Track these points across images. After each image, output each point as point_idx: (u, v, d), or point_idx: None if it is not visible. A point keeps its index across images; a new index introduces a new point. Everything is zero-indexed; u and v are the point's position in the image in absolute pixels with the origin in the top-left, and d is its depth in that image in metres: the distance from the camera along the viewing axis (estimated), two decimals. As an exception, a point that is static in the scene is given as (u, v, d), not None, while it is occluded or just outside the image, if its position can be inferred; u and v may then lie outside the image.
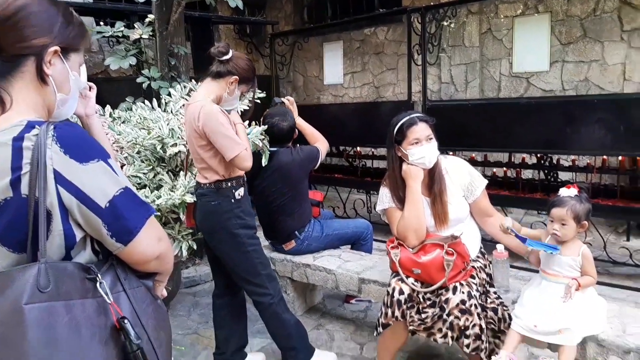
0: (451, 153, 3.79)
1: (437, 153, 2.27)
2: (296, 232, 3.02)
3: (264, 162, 2.86)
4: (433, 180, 2.30)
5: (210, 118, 2.15)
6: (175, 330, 3.14)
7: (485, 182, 2.37)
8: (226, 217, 2.33)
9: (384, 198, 2.39)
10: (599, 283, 3.28)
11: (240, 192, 2.35)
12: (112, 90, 4.08)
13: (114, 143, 2.77)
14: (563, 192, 2.11)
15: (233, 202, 2.32)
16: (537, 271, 2.18)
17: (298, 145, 3.14)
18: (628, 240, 4.14)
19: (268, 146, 2.95)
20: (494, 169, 3.77)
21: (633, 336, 1.95)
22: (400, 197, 2.31)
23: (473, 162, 3.83)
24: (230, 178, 2.31)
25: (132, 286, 1.04)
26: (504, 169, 3.70)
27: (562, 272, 2.07)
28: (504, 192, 3.56)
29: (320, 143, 3.13)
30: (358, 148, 4.40)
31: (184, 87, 3.14)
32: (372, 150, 4.46)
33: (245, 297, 2.63)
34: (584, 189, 2.09)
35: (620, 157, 3.24)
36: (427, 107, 3.61)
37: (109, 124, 2.96)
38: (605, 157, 3.27)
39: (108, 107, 3.10)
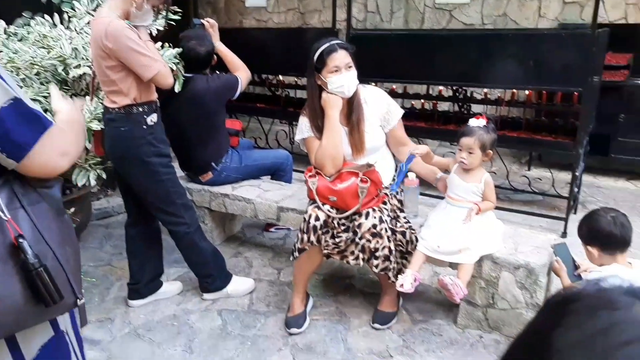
0: (372, 84, 3.81)
1: (357, 82, 2.26)
2: (212, 164, 2.93)
3: (177, 88, 2.70)
4: (352, 109, 2.30)
5: (119, 35, 1.97)
6: (87, 262, 3.03)
7: (402, 112, 2.41)
8: (138, 144, 2.21)
9: (303, 127, 2.36)
10: (500, 208, 3.56)
11: (152, 118, 2.22)
12: (6, 2, 3.59)
13: (7, 63, 2.49)
14: (472, 122, 2.20)
15: (145, 129, 2.20)
16: (444, 198, 2.30)
17: (217, 72, 2.99)
18: (529, 169, 4.49)
19: (183, 72, 2.77)
20: (412, 101, 3.84)
21: (523, 254, 2.15)
22: (319, 126, 2.30)
23: (393, 94, 3.87)
24: (141, 103, 2.17)
25: (32, 202, 0.98)
26: (422, 101, 3.79)
27: (466, 198, 2.21)
28: (421, 124, 3.66)
29: (241, 71, 2.98)
30: (281, 77, 4.28)
31: (91, 1, 2.83)
32: (296, 79, 4.36)
33: (159, 226, 2.56)
34: (492, 120, 2.19)
35: (527, 91, 3.42)
36: (351, 35, 3.53)
37: (3, 41, 2.64)
38: (514, 90, 3.43)
39: (2, 23, 2.75)
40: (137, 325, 2.44)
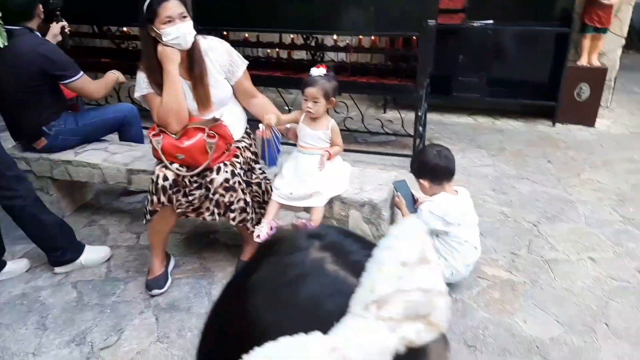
0: (226, 33, 3.70)
1: (194, 33, 2.16)
2: (44, 128, 2.65)
3: (1, 43, 2.37)
4: (193, 62, 2.21)
5: None
6: None
7: (246, 62, 2.38)
8: None
9: (141, 83, 2.23)
10: (357, 151, 3.79)
11: None
12: None
13: None
14: (313, 72, 2.25)
15: None
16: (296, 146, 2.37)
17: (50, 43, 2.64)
18: (385, 112, 4.78)
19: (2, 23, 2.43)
20: (268, 50, 3.81)
21: (367, 192, 2.31)
22: (158, 81, 2.18)
23: (247, 43, 3.80)
24: None
25: None
26: (277, 50, 3.78)
27: (315, 145, 2.29)
28: (277, 73, 3.67)
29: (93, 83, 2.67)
30: (125, 28, 3.95)
31: None
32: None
33: (-10, 204, 2.31)
34: (331, 67, 2.27)
35: (372, 37, 3.57)
36: (194, -19, 3.35)
37: None
38: (360, 37, 3.56)
39: None
40: (-20, 311, 2.23)
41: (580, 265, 2.48)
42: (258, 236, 2.15)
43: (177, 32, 2.08)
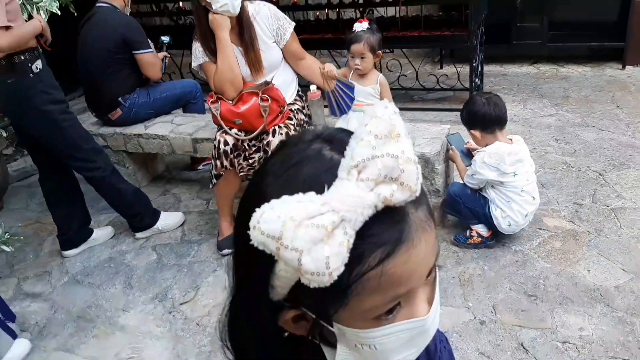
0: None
1: (241, -1, 2.23)
2: (120, 99, 2.88)
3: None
4: (242, 27, 2.29)
5: None
6: (15, 223, 3.02)
7: (293, 24, 2.43)
8: (29, 95, 2.15)
9: (197, 53, 2.35)
10: (413, 109, 3.77)
11: (37, 65, 2.15)
12: None
13: None
14: (357, 27, 2.27)
15: (32, 77, 2.14)
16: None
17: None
18: (441, 68, 4.66)
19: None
20: (317, 12, 3.82)
21: (419, 146, 2.32)
22: (212, 49, 2.29)
23: (296, 7, 3.82)
24: (22, 51, 2.08)
25: None
26: (325, 10, 3.77)
27: (365, 101, 2.33)
28: (327, 35, 3.68)
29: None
30: (181, 3, 4.09)
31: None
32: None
33: (74, 176, 2.56)
34: (372, 20, 2.27)
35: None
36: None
37: None
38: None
39: None
40: (75, 273, 2.52)
41: (650, 212, 2.38)
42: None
43: None
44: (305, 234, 0.38)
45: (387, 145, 0.40)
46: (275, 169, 0.46)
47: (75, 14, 3.03)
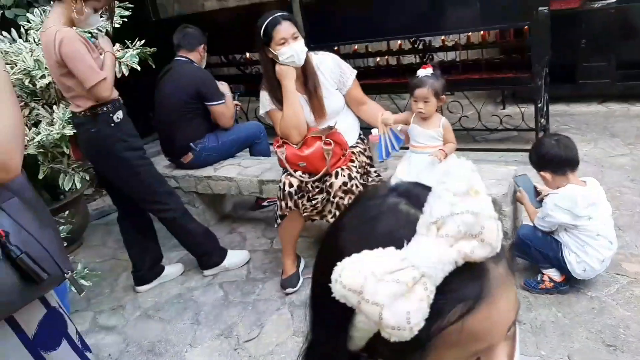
0: (336, 48, 3.89)
1: (305, 49, 2.36)
2: (192, 144, 3.08)
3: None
4: (307, 77, 2.41)
5: (66, 44, 2.06)
6: (92, 258, 3.23)
7: (355, 72, 2.53)
8: (109, 143, 2.32)
9: (264, 101, 2.49)
10: (476, 149, 3.72)
11: (118, 115, 2.33)
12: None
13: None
14: (421, 72, 2.31)
15: (113, 127, 2.31)
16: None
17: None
18: (504, 108, 4.59)
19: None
20: (377, 59, 3.93)
21: (486, 187, 2.28)
22: (278, 97, 2.42)
23: (356, 55, 3.96)
24: (105, 103, 2.26)
25: (4, 199, 1.10)
26: (386, 57, 3.88)
27: (428, 144, 2.34)
28: (388, 80, 3.77)
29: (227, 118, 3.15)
30: (247, 54, 4.36)
31: (43, 11, 2.91)
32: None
33: (149, 216, 2.72)
34: (436, 66, 2.31)
35: (481, 32, 3.49)
36: (303, 3, 3.60)
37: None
38: (469, 34, 3.51)
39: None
40: (147, 308, 2.64)
41: None
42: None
43: (291, 51, 2.29)
44: (386, 288, 0.39)
45: (467, 203, 0.41)
46: (353, 223, 0.48)
47: (154, 66, 3.29)
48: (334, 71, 2.46)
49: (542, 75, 3.26)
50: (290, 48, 2.28)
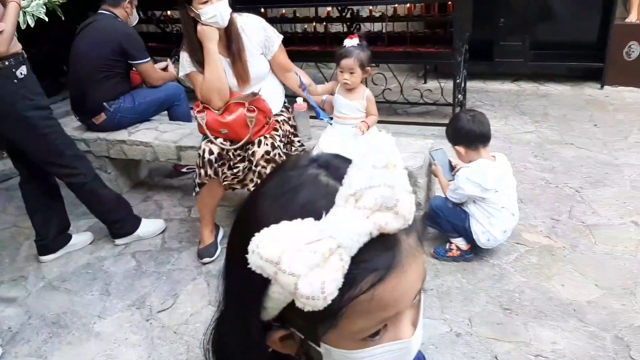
0: (263, 10, 3.77)
1: (229, 10, 2.25)
2: (105, 104, 2.88)
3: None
4: (230, 39, 2.31)
5: None
6: (-9, 226, 2.97)
7: (281, 37, 2.46)
8: (12, 101, 2.14)
9: (184, 63, 2.36)
10: (396, 123, 3.82)
11: (22, 71, 2.15)
12: None
13: None
14: (347, 42, 2.30)
15: (16, 83, 2.14)
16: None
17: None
18: (425, 83, 4.73)
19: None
20: (305, 25, 3.86)
21: (402, 160, 2.35)
22: (199, 60, 2.30)
23: (284, 19, 3.86)
24: (6, 56, 2.07)
25: None
26: (313, 24, 3.82)
27: (350, 115, 2.36)
28: (315, 48, 3.72)
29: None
30: (169, 12, 4.10)
31: None
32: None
33: (55, 181, 2.54)
34: (362, 36, 2.30)
35: (407, 5, 3.54)
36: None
37: None
38: (396, 5, 3.53)
39: None
40: (52, 279, 2.48)
41: (623, 230, 2.44)
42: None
43: (214, 10, 2.18)
44: (303, 259, 0.39)
45: (384, 176, 0.41)
46: (272, 192, 0.47)
47: (63, 18, 3.03)
48: (259, 35, 2.38)
49: (462, 51, 3.38)
50: (214, 8, 2.16)
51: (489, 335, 1.91)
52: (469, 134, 2.20)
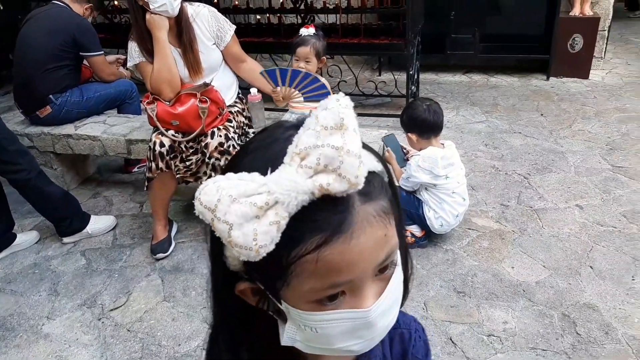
0: (215, 0, 3.70)
1: (180, -1, 2.20)
2: (51, 97, 2.75)
3: None
4: (181, 29, 2.25)
5: None
6: None
7: (234, 27, 2.42)
8: None
9: (133, 53, 2.28)
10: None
11: None
12: None
13: None
14: (303, 31, 2.29)
15: None
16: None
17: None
18: (379, 75, 4.79)
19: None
20: (258, 16, 3.81)
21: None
22: (149, 49, 2.23)
23: (236, 10, 3.80)
24: None
25: None
26: (267, 15, 3.77)
27: (306, 104, 2.35)
28: (269, 39, 3.69)
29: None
30: (115, 1, 3.95)
31: None
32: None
33: (-3, 179, 2.41)
34: (319, 27, 2.30)
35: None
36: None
37: None
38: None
39: None
40: (-5, 281, 2.36)
41: (568, 213, 2.56)
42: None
43: None
44: (238, 209, 0.41)
45: (332, 137, 0.41)
46: (251, 147, 0.49)
47: (1, 7, 2.88)
48: (211, 25, 2.33)
49: (415, 43, 3.43)
50: None
51: (444, 318, 1.95)
52: (423, 123, 2.23)
